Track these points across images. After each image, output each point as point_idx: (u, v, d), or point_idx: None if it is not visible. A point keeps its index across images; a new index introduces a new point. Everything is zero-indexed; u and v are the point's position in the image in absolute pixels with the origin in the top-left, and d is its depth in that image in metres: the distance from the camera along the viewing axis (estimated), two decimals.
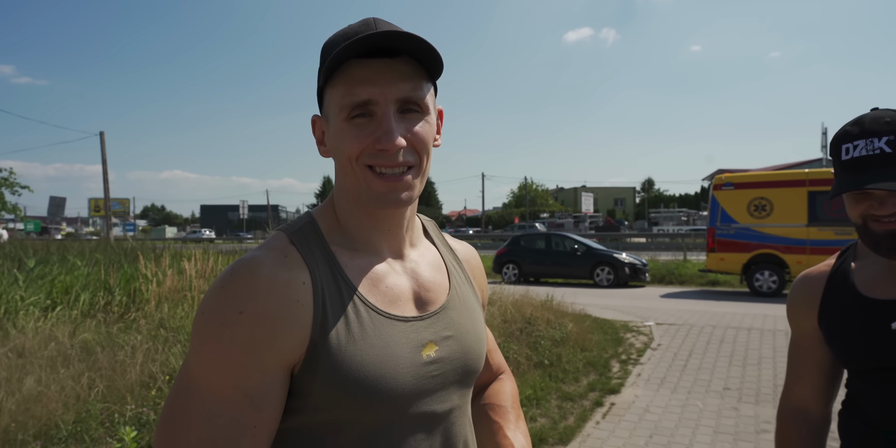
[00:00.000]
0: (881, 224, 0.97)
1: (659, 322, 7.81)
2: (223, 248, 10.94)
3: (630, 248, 22.95)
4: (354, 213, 0.75)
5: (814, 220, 10.26)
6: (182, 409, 0.64)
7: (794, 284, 1.18)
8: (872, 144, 0.95)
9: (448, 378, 0.74)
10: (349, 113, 0.69)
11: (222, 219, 74.36)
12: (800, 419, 1.15)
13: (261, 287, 0.64)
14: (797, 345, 1.17)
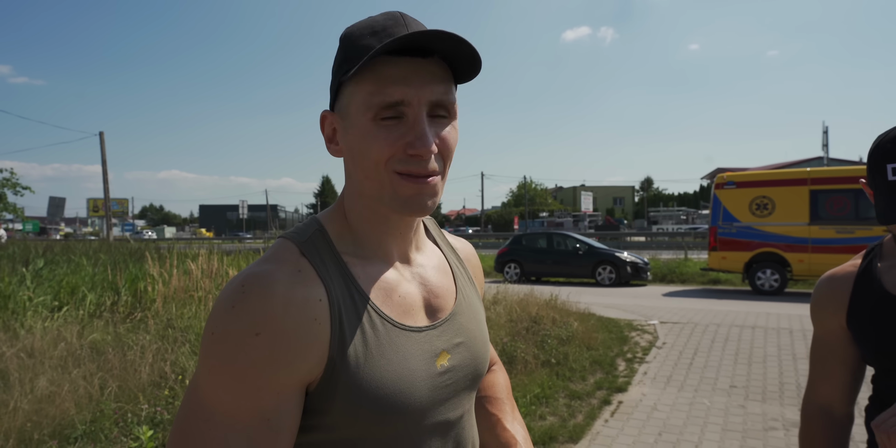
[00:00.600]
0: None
1: (663, 320, 7.84)
2: (226, 248, 10.96)
3: (630, 246, 22.98)
4: (369, 217, 0.71)
5: (815, 219, 10.30)
6: (195, 433, 0.59)
7: (819, 284, 1.19)
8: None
9: (460, 385, 0.73)
10: (377, 113, 0.64)
11: (221, 219, 74.31)
12: (825, 417, 1.17)
13: (277, 306, 0.60)
14: (823, 344, 1.18)
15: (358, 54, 0.64)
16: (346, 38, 0.68)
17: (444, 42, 0.62)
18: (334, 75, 0.69)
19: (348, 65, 0.65)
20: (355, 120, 0.65)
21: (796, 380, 4.94)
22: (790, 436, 3.71)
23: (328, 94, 0.73)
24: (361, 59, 0.63)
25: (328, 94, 0.73)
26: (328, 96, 0.73)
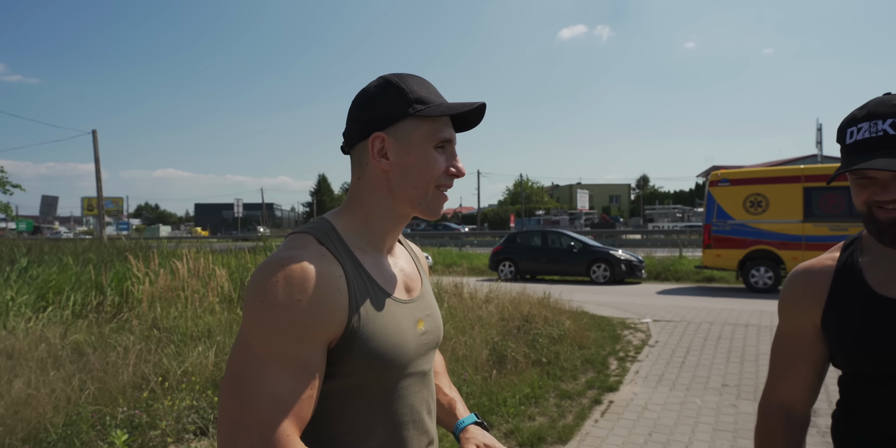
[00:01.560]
0: (885, 211, 0.93)
1: (656, 319, 7.80)
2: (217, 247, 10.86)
3: (625, 244, 22.96)
4: (386, 215, 0.94)
5: (809, 216, 10.27)
6: (253, 377, 0.77)
7: (792, 278, 1.12)
8: (876, 126, 0.93)
9: (431, 345, 0.98)
10: (437, 143, 0.91)
11: (217, 217, 74.05)
12: (784, 417, 1.11)
13: (312, 278, 0.80)
14: (790, 341, 1.11)
15: (424, 101, 0.90)
16: (396, 86, 0.90)
17: (476, 112, 0.95)
18: (389, 107, 0.90)
19: (419, 105, 0.89)
20: (417, 146, 0.90)
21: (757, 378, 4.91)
22: None
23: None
24: (433, 106, 0.90)
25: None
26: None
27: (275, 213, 78.07)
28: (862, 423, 1.00)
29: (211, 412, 3.42)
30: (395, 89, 0.90)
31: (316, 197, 79.59)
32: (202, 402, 3.47)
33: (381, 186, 0.92)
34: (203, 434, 3.26)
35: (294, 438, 0.77)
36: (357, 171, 0.94)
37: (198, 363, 4.08)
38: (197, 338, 4.87)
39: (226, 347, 4.53)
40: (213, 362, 4.14)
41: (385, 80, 0.92)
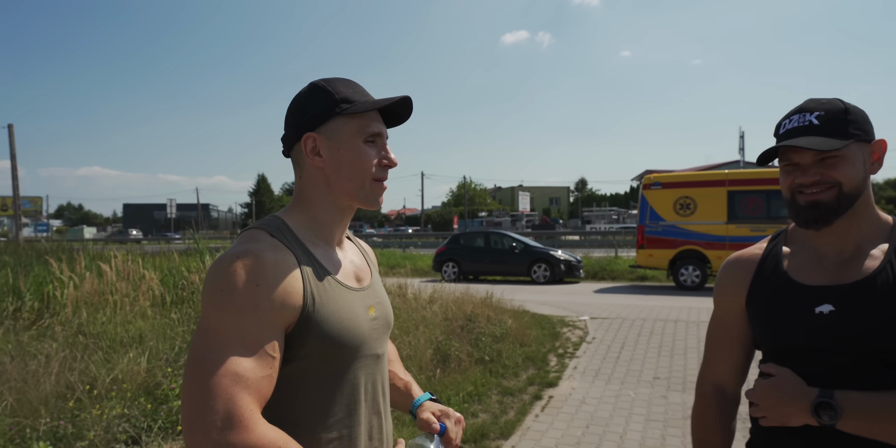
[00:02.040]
0: (804, 196, 1.04)
1: (593, 316, 8.09)
2: (148, 249, 10.35)
3: (565, 245, 23.63)
4: (331, 209, 1.00)
5: (732, 218, 10.97)
6: (214, 359, 0.80)
7: (724, 266, 1.22)
8: (804, 118, 1.05)
9: (382, 330, 1.04)
10: (366, 138, 0.97)
11: (148, 218, 70.40)
12: (717, 394, 1.20)
13: (269, 266, 0.86)
14: (722, 324, 1.21)
15: (350, 100, 0.97)
16: (323, 89, 0.98)
17: (404, 106, 1.03)
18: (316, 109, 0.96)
19: (345, 105, 0.96)
20: (347, 142, 0.96)
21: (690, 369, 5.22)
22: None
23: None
24: (358, 103, 0.97)
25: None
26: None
27: (211, 213, 75.02)
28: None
29: (143, 420, 3.27)
30: (322, 92, 0.98)
31: (255, 197, 77.12)
32: (134, 411, 3.32)
33: (321, 183, 0.99)
34: (135, 443, 3.12)
35: (256, 413, 0.80)
36: (298, 171, 1.01)
37: (129, 370, 3.89)
38: (127, 344, 4.63)
39: (159, 353, 4.34)
40: (146, 369, 3.96)
41: (313, 85, 0.99)
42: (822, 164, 1.02)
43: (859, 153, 1.03)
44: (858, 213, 1.05)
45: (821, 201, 1.02)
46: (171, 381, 3.64)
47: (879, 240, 1.06)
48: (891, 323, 0.96)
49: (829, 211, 1.02)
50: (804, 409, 0.96)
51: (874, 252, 1.04)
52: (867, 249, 1.05)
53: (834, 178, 1.01)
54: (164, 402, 3.44)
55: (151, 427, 3.19)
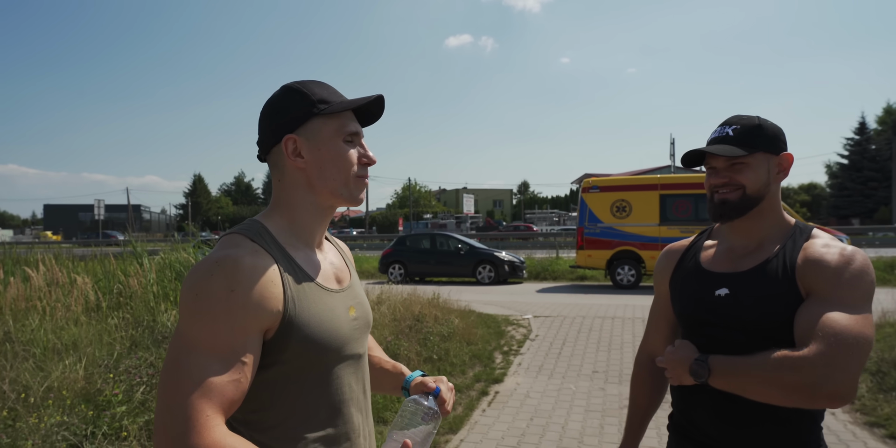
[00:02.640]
0: (718, 194, 1.23)
1: (536, 315, 8.38)
2: (78, 253, 9.80)
3: (508, 247, 24.14)
4: (311, 210, 1.01)
5: (664, 220, 11.62)
6: (182, 363, 0.82)
7: (661, 254, 1.45)
8: (724, 130, 1.24)
9: (362, 330, 1.06)
10: (345, 137, 0.99)
11: (72, 220, 66.06)
12: (650, 361, 1.42)
13: (245, 271, 0.86)
14: (656, 304, 1.43)
15: (326, 100, 0.98)
16: (298, 90, 0.98)
17: (377, 105, 1.05)
18: (295, 110, 0.97)
19: (322, 105, 0.97)
20: (327, 142, 0.98)
21: None
22: None
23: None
24: (331, 104, 0.98)
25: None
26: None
27: (142, 215, 71.30)
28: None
29: (85, 427, 3.17)
30: (298, 94, 0.98)
31: (191, 198, 74.07)
32: (74, 418, 3.21)
33: (302, 184, 0.99)
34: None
35: (214, 419, 0.79)
36: (276, 173, 1.01)
37: (65, 377, 3.75)
38: (61, 351, 4.44)
39: (96, 360, 4.19)
40: (84, 376, 3.82)
41: (287, 88, 1.00)
42: (732, 168, 1.21)
43: (765, 163, 1.21)
44: (764, 214, 1.23)
45: (727, 200, 1.22)
46: (113, 387, 3.54)
47: (779, 238, 1.23)
48: (771, 304, 1.15)
49: (732, 208, 1.22)
50: (686, 370, 1.14)
51: (771, 247, 1.23)
52: (766, 246, 1.23)
53: (739, 181, 1.20)
54: (107, 408, 3.34)
55: (95, 433, 3.10)
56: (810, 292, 1.13)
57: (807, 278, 1.14)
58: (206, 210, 75.25)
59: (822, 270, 1.12)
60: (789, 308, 1.13)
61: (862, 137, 49.61)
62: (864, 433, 3.72)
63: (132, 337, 4.95)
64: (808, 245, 1.19)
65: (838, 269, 1.11)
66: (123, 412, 3.34)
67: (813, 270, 1.13)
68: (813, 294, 1.12)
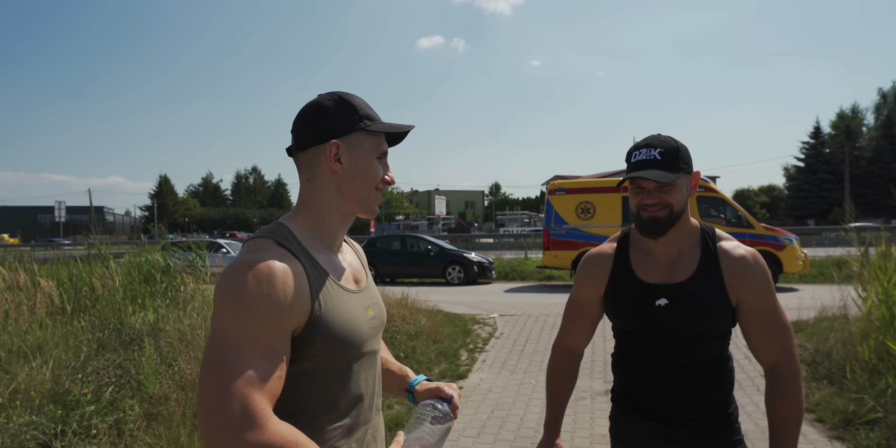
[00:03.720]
0: (647, 212, 1.39)
1: (502, 314, 8.62)
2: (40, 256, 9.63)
3: (479, 248, 24.41)
4: (336, 215, 1.09)
5: (626, 221, 12.01)
6: (229, 362, 0.88)
7: (585, 260, 1.56)
8: (650, 152, 1.38)
9: (378, 328, 1.14)
10: (378, 155, 1.08)
11: (30, 222, 63.83)
12: (570, 354, 1.61)
13: (278, 275, 0.93)
14: (579, 304, 1.57)
15: (372, 118, 1.07)
16: (349, 103, 1.07)
17: (404, 134, 1.15)
18: (343, 119, 1.05)
19: (368, 121, 1.06)
20: (365, 155, 1.06)
21: (604, 358, 5.83)
22: (595, 403, 4.44)
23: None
24: (378, 123, 1.08)
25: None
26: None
27: (106, 217, 69.28)
28: (627, 357, 1.52)
29: (54, 427, 3.24)
30: (349, 105, 1.06)
31: (157, 200, 72.38)
32: (42, 418, 3.27)
33: (331, 188, 1.05)
34: (47, 447, 3.10)
35: (268, 411, 0.86)
36: (307, 172, 1.06)
37: (32, 379, 3.79)
38: (25, 354, 4.45)
39: (63, 362, 4.22)
40: (51, 377, 3.86)
41: (339, 97, 1.06)
42: (661, 189, 1.37)
43: (685, 182, 1.39)
44: (681, 224, 1.42)
45: (658, 217, 1.38)
46: (81, 387, 3.61)
47: (693, 243, 1.45)
48: (708, 312, 1.39)
49: (664, 225, 1.39)
50: None
51: (691, 255, 1.44)
52: (686, 253, 1.44)
53: (668, 201, 1.37)
54: (76, 407, 3.41)
55: (66, 432, 3.17)
56: (743, 301, 1.40)
57: (738, 290, 1.40)
58: (173, 212, 73.66)
59: (748, 283, 1.39)
60: (720, 312, 1.39)
61: (817, 141, 51.74)
62: None
63: (99, 339, 4.98)
64: (723, 251, 1.43)
65: (759, 278, 1.39)
66: (92, 411, 3.41)
67: (741, 283, 1.40)
68: (747, 303, 1.40)
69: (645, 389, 1.48)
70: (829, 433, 3.72)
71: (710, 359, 1.44)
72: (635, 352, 1.49)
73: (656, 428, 1.47)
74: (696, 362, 1.44)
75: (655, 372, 1.45)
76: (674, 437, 1.46)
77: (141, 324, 5.34)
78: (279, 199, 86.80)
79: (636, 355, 1.49)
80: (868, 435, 3.54)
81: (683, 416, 1.45)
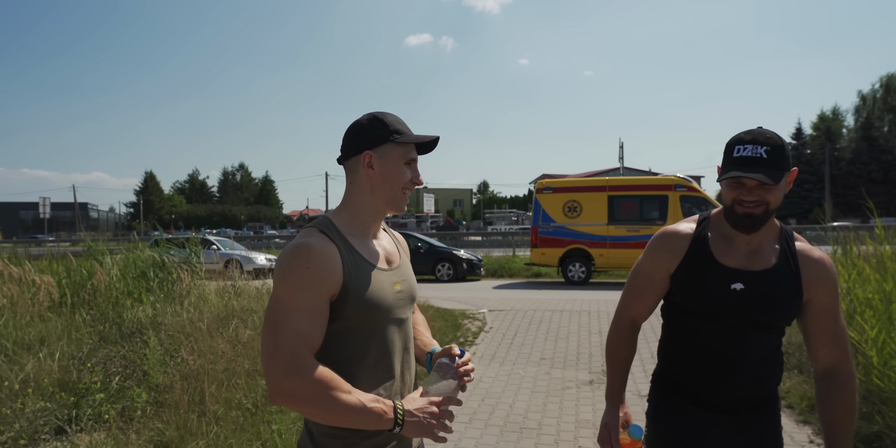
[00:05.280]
0: (743, 208, 1.37)
1: (491, 309, 8.85)
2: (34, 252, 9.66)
3: (468, 245, 24.63)
4: (371, 211, 1.33)
5: (612, 220, 12.33)
6: (281, 319, 1.16)
7: (661, 236, 1.53)
8: (757, 149, 1.34)
9: (406, 300, 1.35)
10: (406, 161, 1.31)
11: (13, 218, 62.86)
12: (631, 326, 1.62)
13: (316, 253, 1.19)
14: (647, 277, 1.55)
15: (400, 132, 1.29)
16: (381, 120, 1.30)
17: (434, 143, 1.37)
18: (376, 134, 1.29)
19: (397, 135, 1.29)
20: (395, 161, 1.30)
21: (589, 350, 6.08)
22: (580, 392, 4.67)
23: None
24: (406, 135, 1.30)
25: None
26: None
27: (90, 213, 68.46)
28: (681, 339, 1.53)
29: (66, 413, 3.40)
30: (381, 123, 1.30)
31: (142, 196, 71.64)
32: (54, 405, 3.43)
33: (367, 189, 1.30)
34: (61, 433, 3.25)
35: (310, 357, 1.14)
36: (350, 177, 1.32)
37: (40, 369, 3.93)
38: (29, 346, 4.58)
39: (66, 354, 4.37)
40: (58, 368, 4.01)
41: (374, 117, 1.31)
42: (762, 188, 1.35)
43: (784, 180, 1.36)
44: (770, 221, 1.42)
45: (754, 214, 1.37)
46: (92, 376, 3.76)
47: (773, 239, 1.46)
48: (779, 303, 1.41)
49: (759, 221, 1.38)
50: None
51: (772, 248, 1.45)
52: (765, 245, 1.46)
53: (767, 199, 1.36)
54: (86, 395, 3.57)
55: (80, 416, 3.33)
56: (812, 299, 1.43)
57: (811, 288, 1.43)
58: (159, 208, 72.95)
59: (822, 283, 1.43)
60: (791, 305, 1.42)
61: (798, 142, 52.69)
62: None
63: (100, 332, 5.12)
64: (801, 250, 1.46)
65: (832, 281, 1.44)
66: (102, 399, 3.57)
67: (816, 282, 1.43)
68: (816, 302, 1.43)
69: (695, 375, 1.48)
70: (796, 418, 3.98)
71: (765, 350, 1.45)
72: (693, 335, 1.48)
73: (703, 414, 1.48)
74: (751, 353, 1.44)
75: (710, 357, 1.45)
76: (718, 425, 1.47)
77: (142, 317, 5.48)
78: (266, 197, 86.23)
79: (693, 339, 1.49)
80: None
81: (731, 405, 1.46)
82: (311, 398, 1.14)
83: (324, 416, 1.17)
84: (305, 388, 1.13)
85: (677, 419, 1.53)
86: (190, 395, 3.72)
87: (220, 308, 6.01)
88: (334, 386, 1.14)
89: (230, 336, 4.95)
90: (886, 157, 48.15)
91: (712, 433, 1.48)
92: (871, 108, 52.17)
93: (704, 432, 1.49)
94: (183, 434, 3.21)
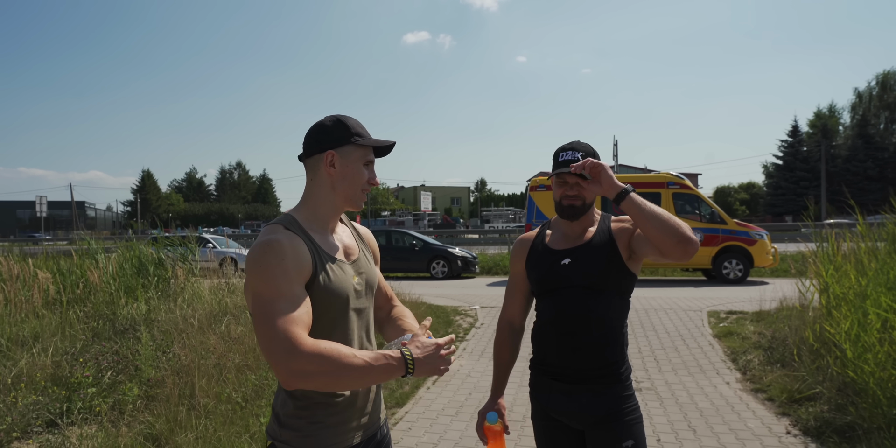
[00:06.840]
0: (567, 199, 1.75)
1: (483, 305, 8.93)
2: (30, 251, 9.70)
3: (464, 243, 24.71)
4: (330, 208, 1.42)
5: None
6: (269, 309, 1.22)
7: (516, 242, 1.93)
8: (574, 154, 1.75)
9: (365, 290, 1.44)
10: (365, 163, 1.40)
11: (9, 218, 62.81)
12: (509, 327, 1.90)
13: (288, 248, 1.28)
14: (513, 280, 1.89)
15: (361, 135, 1.39)
16: (344, 123, 1.39)
17: (390, 148, 1.47)
18: (338, 135, 1.38)
19: (358, 137, 1.38)
20: (355, 162, 1.39)
21: None
22: None
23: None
24: (365, 139, 1.39)
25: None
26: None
27: (87, 212, 68.40)
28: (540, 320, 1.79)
29: (58, 407, 3.47)
30: (343, 125, 1.39)
31: (139, 195, 71.57)
32: (46, 398, 3.50)
33: (327, 186, 1.39)
34: (52, 426, 3.33)
35: (304, 334, 1.18)
36: (311, 174, 1.40)
37: (34, 364, 4.00)
38: (23, 342, 4.65)
39: (60, 349, 4.44)
40: (51, 363, 4.08)
41: (337, 119, 1.40)
42: (579, 185, 1.74)
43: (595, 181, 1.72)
44: (588, 213, 1.80)
45: (575, 205, 1.76)
46: (84, 370, 3.83)
47: (595, 223, 1.82)
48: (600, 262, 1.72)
49: (580, 211, 1.77)
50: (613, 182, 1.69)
51: (593, 230, 1.80)
52: (589, 229, 1.81)
53: (584, 194, 1.75)
54: (78, 389, 3.64)
55: (72, 410, 3.40)
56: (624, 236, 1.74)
57: (620, 234, 1.76)
58: (156, 207, 72.88)
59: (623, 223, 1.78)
60: (612, 260, 1.72)
61: (795, 140, 52.77)
62: (749, 397, 4.40)
63: (94, 329, 5.19)
64: (614, 221, 1.81)
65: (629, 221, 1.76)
66: (94, 393, 3.65)
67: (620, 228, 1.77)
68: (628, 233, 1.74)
69: (549, 350, 1.74)
70: (776, 410, 4.07)
71: (606, 320, 1.70)
72: (544, 315, 1.76)
73: (563, 388, 1.73)
74: (593, 325, 1.69)
75: (555, 329, 1.71)
76: (575, 395, 1.72)
77: (135, 314, 5.55)
78: (264, 195, 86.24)
79: (544, 319, 1.76)
80: (808, 409, 3.90)
81: (580, 375, 1.71)
82: (320, 372, 1.17)
83: (340, 384, 1.23)
84: (311, 364, 1.16)
85: (546, 396, 1.78)
86: (181, 390, 3.79)
87: (214, 305, 6.09)
88: (338, 354, 1.18)
89: (222, 332, 5.02)
90: (882, 154, 48.31)
91: (571, 404, 1.72)
92: (867, 105, 52.30)
93: (566, 404, 1.73)
94: (173, 427, 3.28)
